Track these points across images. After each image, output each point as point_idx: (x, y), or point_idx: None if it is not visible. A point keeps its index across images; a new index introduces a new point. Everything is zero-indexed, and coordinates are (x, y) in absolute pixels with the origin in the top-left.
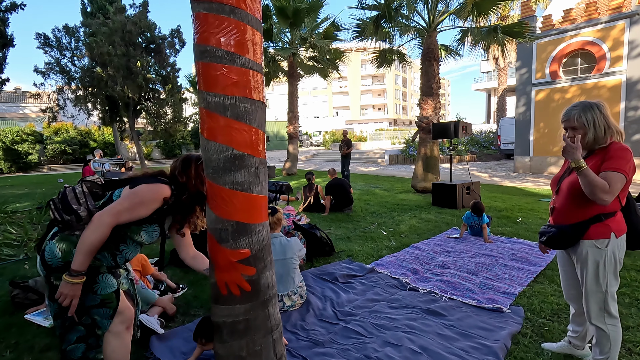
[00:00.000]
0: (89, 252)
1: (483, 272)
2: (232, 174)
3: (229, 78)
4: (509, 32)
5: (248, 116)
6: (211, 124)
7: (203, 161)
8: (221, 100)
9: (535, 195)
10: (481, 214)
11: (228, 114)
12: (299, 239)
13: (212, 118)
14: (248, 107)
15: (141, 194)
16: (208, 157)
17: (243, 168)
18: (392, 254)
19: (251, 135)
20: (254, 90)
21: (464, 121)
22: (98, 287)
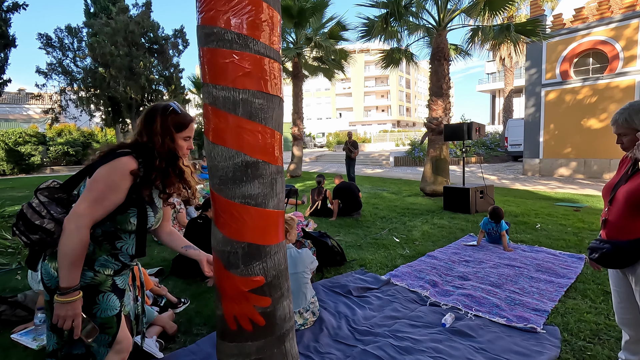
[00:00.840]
0: (73, 264)
1: (508, 285)
2: (244, 186)
3: (241, 67)
4: (522, 30)
5: (263, 114)
6: (218, 124)
7: (208, 169)
8: (231, 95)
9: (549, 199)
10: (500, 220)
11: (239, 111)
12: (309, 247)
13: (219, 117)
14: (263, 103)
15: (101, 178)
16: (214, 165)
17: (257, 178)
18: (408, 264)
19: (266, 137)
20: (270, 82)
21: (477, 122)
22: (98, 309)
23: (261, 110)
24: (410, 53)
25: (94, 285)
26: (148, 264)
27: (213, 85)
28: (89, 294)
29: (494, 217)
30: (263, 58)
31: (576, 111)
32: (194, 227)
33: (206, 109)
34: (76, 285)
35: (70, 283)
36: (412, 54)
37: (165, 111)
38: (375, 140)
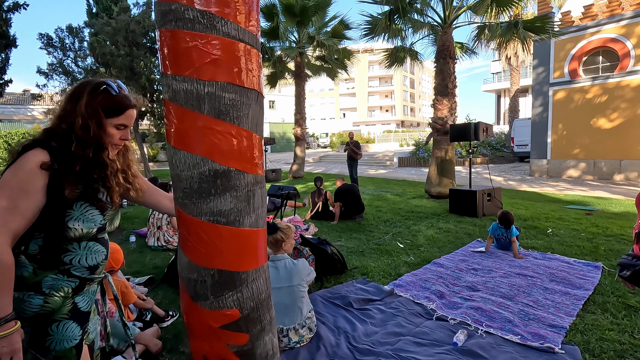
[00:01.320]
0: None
1: (520, 296)
2: (212, 200)
3: (206, 53)
4: (530, 27)
5: (236, 112)
6: (180, 124)
7: (172, 182)
8: (194, 88)
9: (559, 201)
10: (510, 225)
11: (205, 108)
12: (307, 255)
13: (181, 115)
14: (236, 98)
15: (7, 182)
16: (176, 175)
17: (229, 190)
18: (412, 272)
19: (241, 141)
20: (245, 73)
21: (484, 122)
22: (52, 341)
23: (233, 107)
24: (415, 51)
25: (46, 313)
26: (138, 272)
27: (172, 76)
28: (39, 324)
29: (504, 223)
30: (235, 43)
31: (585, 111)
32: None
33: (166, 105)
34: (8, 315)
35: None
36: (416, 53)
37: (96, 90)
38: (379, 140)
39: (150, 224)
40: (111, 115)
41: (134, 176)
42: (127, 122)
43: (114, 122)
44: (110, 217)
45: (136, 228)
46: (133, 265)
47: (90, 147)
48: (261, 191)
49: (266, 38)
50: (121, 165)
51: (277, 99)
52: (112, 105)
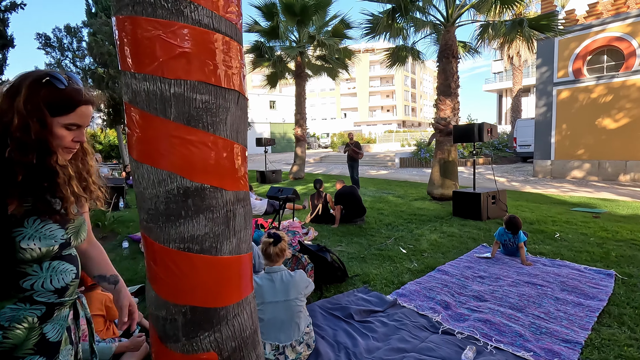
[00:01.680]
0: None
1: (531, 307)
2: (183, 223)
3: (172, 46)
4: (535, 25)
5: (211, 117)
6: (143, 133)
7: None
8: (158, 89)
9: (564, 203)
10: (517, 231)
11: (171, 113)
12: (306, 263)
13: (144, 122)
14: (210, 100)
15: None
16: (140, 193)
17: (203, 212)
18: (416, 280)
19: (219, 151)
20: (222, 70)
21: (488, 123)
22: None
23: (207, 111)
24: (417, 51)
25: (5, 350)
26: (130, 281)
27: (132, 74)
28: None
29: (511, 228)
30: (209, 33)
31: (590, 111)
32: None
33: (127, 110)
34: None
35: None
36: (418, 52)
37: (37, 82)
38: (380, 140)
39: None
40: (58, 113)
41: (95, 184)
42: (79, 121)
43: (63, 122)
44: (74, 229)
45: (131, 232)
46: (125, 273)
47: (33, 152)
48: (244, 210)
49: (266, 37)
50: (77, 171)
51: (278, 99)
52: (59, 101)
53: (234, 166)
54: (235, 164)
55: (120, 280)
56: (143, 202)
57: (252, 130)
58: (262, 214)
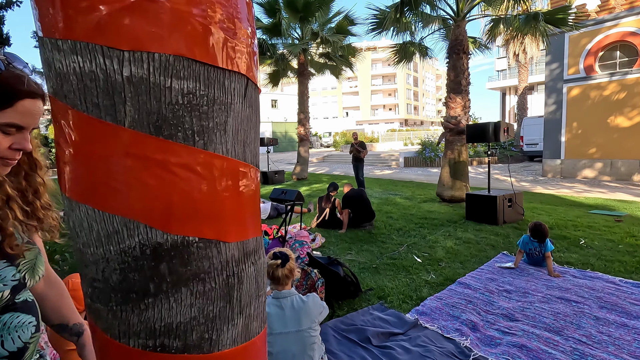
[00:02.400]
0: None
1: (569, 329)
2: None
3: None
4: (550, 19)
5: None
6: (79, 150)
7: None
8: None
9: (580, 205)
10: (544, 239)
11: (126, 115)
12: (317, 278)
13: (80, 131)
14: (198, 91)
15: None
16: (79, 252)
17: (186, 282)
18: (436, 295)
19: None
20: (217, 38)
21: (504, 122)
22: None
23: (192, 110)
24: (425, 47)
25: None
26: None
27: (54, 43)
28: None
29: (538, 236)
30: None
31: (602, 108)
32: None
33: (52, 108)
34: None
35: None
36: (426, 48)
37: None
38: (383, 139)
39: None
40: None
41: (46, 209)
42: (20, 121)
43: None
44: (28, 265)
45: None
46: None
47: None
48: (256, 267)
49: (268, 35)
50: (19, 189)
51: (280, 98)
52: None
53: (240, 202)
54: (242, 197)
55: (85, 330)
56: (85, 268)
57: None
58: (266, 218)
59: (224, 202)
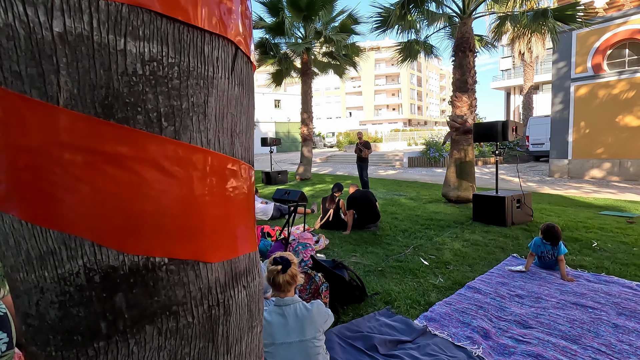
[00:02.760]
0: None
1: (587, 337)
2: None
3: None
4: (559, 15)
5: (166, 100)
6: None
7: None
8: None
9: (590, 206)
10: (558, 241)
11: (60, 88)
12: (321, 282)
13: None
14: (166, 58)
15: None
16: (8, 277)
17: (151, 319)
18: (445, 300)
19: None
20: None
21: (513, 121)
22: None
23: (157, 84)
24: (430, 45)
25: None
26: None
27: None
28: None
29: (551, 238)
30: None
31: (610, 107)
32: None
33: None
34: None
35: None
36: (431, 46)
37: None
38: (386, 139)
39: None
40: None
41: None
42: None
43: None
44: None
45: None
46: None
47: None
48: (248, 292)
49: (271, 34)
50: None
51: (283, 98)
52: None
53: (227, 209)
54: (231, 203)
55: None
56: (16, 299)
57: (257, 130)
58: (269, 219)
59: (204, 211)
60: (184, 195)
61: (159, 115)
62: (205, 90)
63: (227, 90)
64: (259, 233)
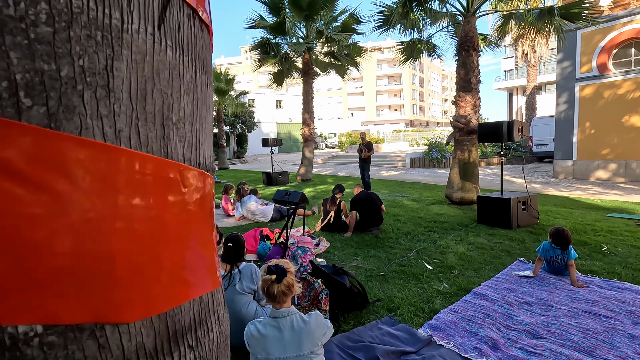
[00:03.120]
0: None
1: (602, 349)
2: None
3: None
4: (566, 14)
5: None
6: None
7: None
8: None
9: (597, 208)
10: (568, 246)
11: None
12: (320, 289)
13: None
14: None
15: None
16: None
17: None
18: (450, 307)
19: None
20: None
21: (518, 120)
22: None
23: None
24: (433, 44)
25: None
26: None
27: None
28: None
29: (561, 242)
30: None
31: (616, 107)
32: None
33: None
34: None
35: None
36: (434, 46)
37: None
38: (388, 140)
39: None
40: None
41: None
42: None
43: None
44: None
45: None
46: None
47: None
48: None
49: (272, 34)
50: None
51: (284, 99)
52: None
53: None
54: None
55: None
56: None
57: (259, 131)
58: (268, 221)
59: (114, 244)
60: (72, 222)
61: (14, 89)
62: (107, 50)
63: (150, 53)
64: (258, 236)
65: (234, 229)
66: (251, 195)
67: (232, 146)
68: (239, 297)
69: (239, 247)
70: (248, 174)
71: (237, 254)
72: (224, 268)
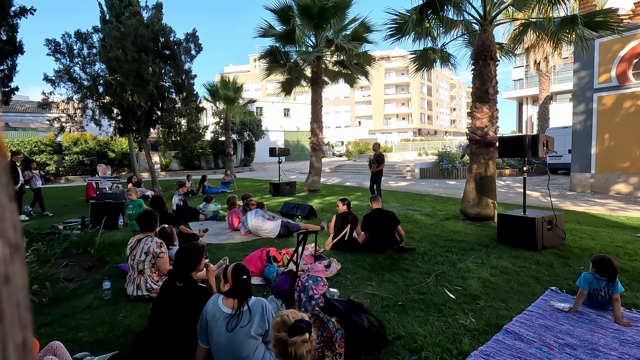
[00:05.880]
0: None
1: None
2: None
3: None
4: (589, 22)
5: None
6: None
7: None
8: None
9: (623, 227)
10: (615, 277)
11: None
12: (334, 330)
13: None
14: None
15: None
16: None
17: None
18: (481, 349)
19: None
20: None
21: (543, 134)
22: None
23: None
24: (447, 53)
25: None
26: (102, 341)
27: None
28: None
29: (607, 273)
30: None
31: (637, 119)
32: (169, 294)
33: None
34: None
35: None
36: (448, 55)
37: None
38: (396, 149)
39: (130, 267)
40: None
41: None
42: None
43: None
44: None
45: (123, 261)
46: (98, 328)
47: None
48: None
49: (281, 42)
50: None
51: (292, 107)
52: None
53: None
54: None
55: None
56: None
57: (266, 139)
58: (275, 237)
59: None
60: None
61: None
62: None
63: None
64: (264, 256)
65: (240, 245)
66: (258, 210)
67: (240, 154)
68: (248, 341)
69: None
70: (255, 183)
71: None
72: (230, 304)
